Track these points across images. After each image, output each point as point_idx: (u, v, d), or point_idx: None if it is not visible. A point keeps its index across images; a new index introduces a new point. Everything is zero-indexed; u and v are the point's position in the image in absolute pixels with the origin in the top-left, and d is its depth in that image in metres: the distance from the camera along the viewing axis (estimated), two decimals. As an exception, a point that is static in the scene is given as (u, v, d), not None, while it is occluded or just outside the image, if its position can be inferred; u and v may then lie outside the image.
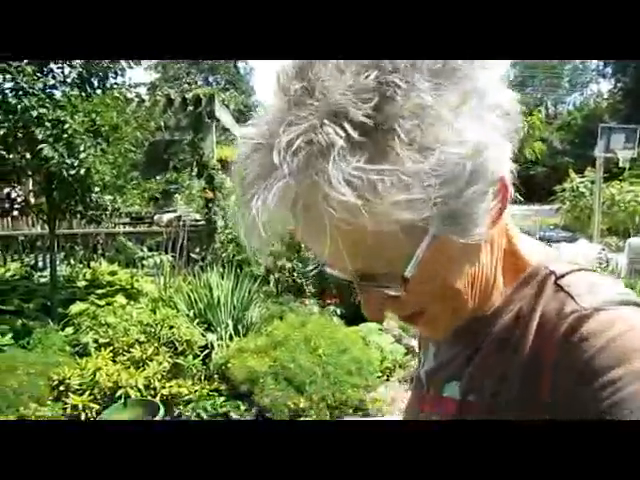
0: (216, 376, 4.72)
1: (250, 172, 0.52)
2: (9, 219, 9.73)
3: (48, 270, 6.66)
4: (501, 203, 0.56)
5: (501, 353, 0.62)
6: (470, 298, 0.60)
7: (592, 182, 14.98)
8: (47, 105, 4.94)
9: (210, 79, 35.31)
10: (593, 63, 50.78)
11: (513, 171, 0.59)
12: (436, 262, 0.55)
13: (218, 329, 5.34)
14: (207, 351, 5.04)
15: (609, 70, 47.13)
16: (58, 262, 6.50)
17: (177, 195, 12.05)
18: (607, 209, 14.59)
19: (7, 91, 5.08)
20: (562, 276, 0.61)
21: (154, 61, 30.03)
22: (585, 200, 15.65)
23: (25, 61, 5.15)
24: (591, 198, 14.73)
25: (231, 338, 5.27)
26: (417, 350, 0.94)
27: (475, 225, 0.53)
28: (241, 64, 38.38)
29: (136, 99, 6.15)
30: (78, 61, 5.57)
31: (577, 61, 53.95)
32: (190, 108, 7.56)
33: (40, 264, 7.80)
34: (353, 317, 5.82)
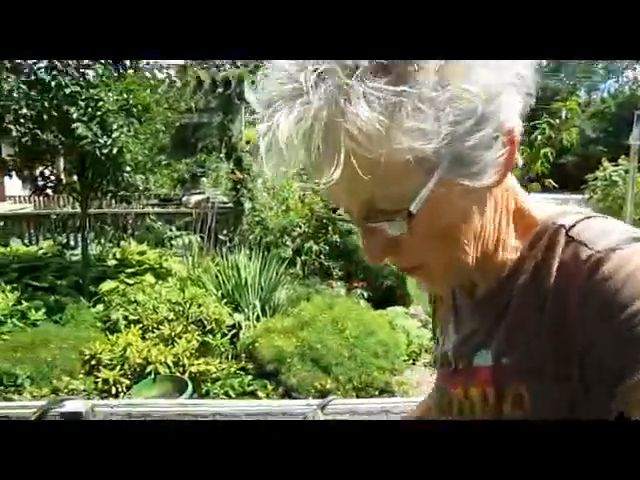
0: (243, 355, 4.76)
1: (276, 94, 0.52)
2: (42, 198, 9.92)
3: (79, 248, 6.78)
4: (508, 156, 0.57)
5: (526, 311, 0.62)
6: (471, 252, 0.61)
7: (626, 171, 14.61)
8: (81, 84, 4.99)
9: (239, 62, 35.35)
10: (629, 49, 49.32)
11: (521, 129, 0.58)
12: (440, 207, 0.55)
13: (245, 310, 5.39)
14: (235, 331, 5.09)
15: (646, 56, 45.70)
16: (89, 241, 6.61)
17: (204, 178, 12.13)
18: (640, 199, 14.23)
19: (42, 69, 5.16)
20: (572, 227, 0.61)
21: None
22: (617, 189, 15.26)
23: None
24: (624, 187, 14.37)
25: (258, 319, 5.31)
26: (433, 332, 0.93)
27: (481, 171, 0.55)
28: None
29: (167, 80, 6.17)
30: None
31: (613, 47, 52.50)
32: (220, 90, 7.56)
33: (72, 243, 7.94)
34: (380, 301, 5.80)
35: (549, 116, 5.87)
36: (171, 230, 7.34)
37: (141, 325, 4.90)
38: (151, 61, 5.94)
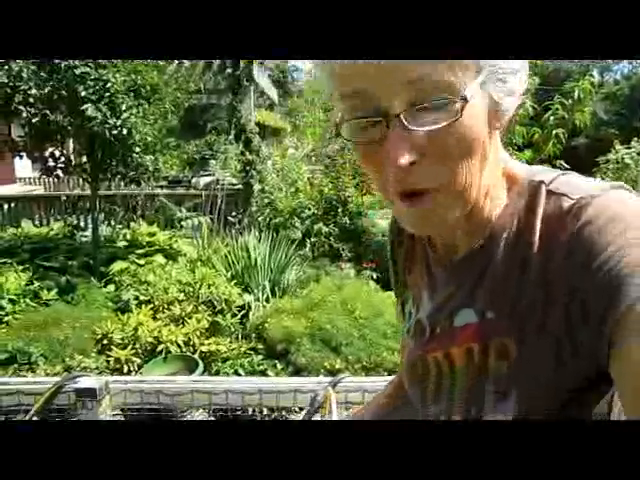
0: (253, 335, 4.79)
1: None
2: (52, 180, 9.96)
3: (89, 230, 6.82)
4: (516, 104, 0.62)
5: (511, 266, 0.64)
6: (476, 185, 0.61)
7: (638, 153, 14.45)
8: (90, 64, 4.98)
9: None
10: (644, 29, 48.55)
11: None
12: (469, 123, 0.56)
13: (255, 291, 5.41)
14: (244, 311, 5.12)
15: (661, 36, 44.96)
16: (99, 222, 6.65)
17: (213, 159, 12.12)
18: (653, 182, 14.09)
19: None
20: (551, 182, 0.64)
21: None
22: (629, 172, 15.12)
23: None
24: (636, 170, 14.23)
25: (268, 300, 5.33)
26: (401, 306, 0.90)
27: (508, 92, 0.59)
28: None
29: (176, 60, 6.14)
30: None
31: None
32: (229, 71, 7.51)
33: (82, 224, 7.99)
34: (389, 282, 5.80)
35: (562, 96, 5.79)
36: (181, 212, 7.36)
37: (152, 305, 4.93)
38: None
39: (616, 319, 0.52)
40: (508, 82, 0.58)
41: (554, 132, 5.63)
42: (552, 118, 5.74)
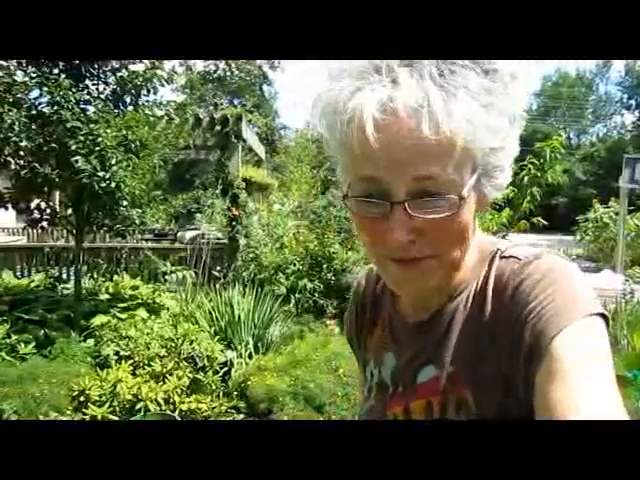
0: (235, 393, 4.70)
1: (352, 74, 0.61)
2: (36, 231, 9.89)
3: (72, 282, 6.74)
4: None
5: (470, 320, 0.72)
6: (459, 262, 0.70)
7: (616, 213, 14.79)
8: (81, 119, 5.06)
9: (235, 101, 35.86)
10: (617, 95, 50.60)
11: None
12: (464, 207, 0.64)
13: (238, 347, 5.34)
14: (227, 368, 5.03)
15: (633, 103, 46.89)
16: (82, 275, 6.57)
17: (199, 214, 12.17)
18: (631, 240, 14.37)
19: (43, 104, 5.23)
20: (505, 249, 0.74)
21: (182, 81, 30.63)
22: (609, 231, 15.42)
23: (62, 76, 5.32)
24: (615, 229, 14.53)
25: (251, 356, 5.25)
26: (362, 367, 0.94)
27: (494, 188, 0.68)
28: (266, 88, 38.94)
29: (166, 117, 6.25)
30: (112, 78, 5.72)
31: (601, 92, 53.78)
32: (218, 128, 7.66)
33: (64, 276, 7.89)
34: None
35: (534, 156, 6.04)
36: (165, 265, 7.32)
37: (132, 361, 4.83)
38: (150, 97, 6.02)
39: (538, 356, 0.60)
40: (497, 179, 0.68)
41: (528, 191, 5.82)
42: (526, 178, 5.94)
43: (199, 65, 35.66)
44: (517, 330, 0.64)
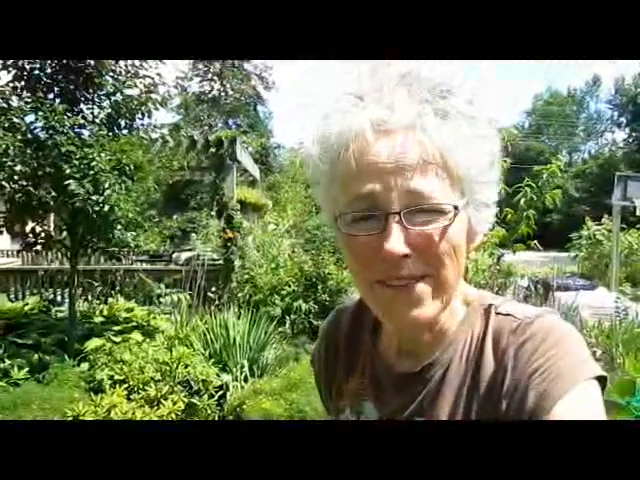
0: (231, 417, 4.66)
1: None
2: (30, 254, 9.85)
3: (66, 305, 6.70)
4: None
5: (466, 374, 0.72)
6: (448, 289, 0.69)
7: (609, 230, 14.86)
8: (76, 143, 5.08)
9: (230, 122, 36.07)
10: (607, 113, 51.19)
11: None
12: (454, 228, 0.65)
13: (233, 369, 5.30)
14: (222, 392, 4.99)
15: (624, 120, 47.43)
16: (76, 297, 6.54)
17: (194, 234, 12.17)
18: (625, 258, 14.42)
19: (38, 128, 5.26)
20: (499, 305, 0.75)
21: (176, 103, 30.79)
22: (602, 248, 15.48)
23: (57, 101, 5.35)
24: (608, 246, 14.58)
25: (246, 379, 5.22)
26: (335, 415, 0.87)
27: (485, 221, 0.72)
28: (260, 108, 39.22)
29: (160, 139, 6.28)
30: (107, 102, 5.76)
31: (592, 110, 54.36)
32: (212, 150, 7.71)
33: (58, 299, 7.85)
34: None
35: (530, 179, 6.00)
36: (159, 288, 7.30)
37: (126, 385, 4.79)
38: (145, 121, 6.06)
39: (543, 415, 0.62)
40: (482, 212, 0.71)
41: (525, 214, 5.79)
42: (523, 200, 5.91)
43: (194, 86, 35.96)
44: (520, 389, 0.65)
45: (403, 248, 0.63)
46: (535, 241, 5.94)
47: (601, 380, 0.65)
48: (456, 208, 0.64)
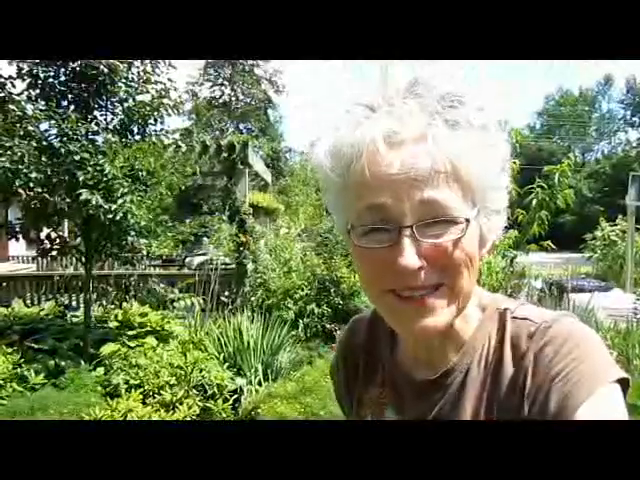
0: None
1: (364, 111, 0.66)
2: (46, 259, 9.95)
3: (81, 310, 6.76)
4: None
5: (485, 379, 0.72)
6: (462, 299, 0.69)
7: (623, 231, 14.70)
8: (89, 150, 5.13)
9: (241, 126, 36.21)
10: (620, 113, 50.74)
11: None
12: (466, 238, 0.65)
13: (248, 373, 5.32)
14: (236, 395, 5.01)
15: (637, 119, 47.01)
16: (91, 302, 6.60)
17: (206, 238, 12.21)
18: (640, 258, 14.25)
19: (52, 136, 5.32)
20: (515, 309, 0.75)
21: (187, 108, 30.98)
22: (617, 249, 15.31)
23: (71, 108, 5.41)
24: (623, 247, 14.42)
25: (260, 383, 5.23)
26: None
27: (496, 227, 0.72)
28: (271, 112, 39.34)
29: (173, 145, 6.31)
30: (120, 108, 5.81)
31: (604, 110, 53.89)
32: (224, 154, 7.74)
33: (74, 304, 7.92)
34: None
35: (542, 179, 5.96)
36: (173, 292, 7.34)
37: (142, 390, 4.83)
38: (157, 126, 6.09)
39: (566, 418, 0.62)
40: (493, 220, 0.71)
41: (537, 215, 5.75)
42: (534, 201, 5.87)
43: (205, 91, 36.14)
44: (542, 393, 0.65)
45: (417, 262, 0.63)
46: (549, 241, 5.90)
47: (623, 382, 0.65)
48: (468, 220, 0.64)
